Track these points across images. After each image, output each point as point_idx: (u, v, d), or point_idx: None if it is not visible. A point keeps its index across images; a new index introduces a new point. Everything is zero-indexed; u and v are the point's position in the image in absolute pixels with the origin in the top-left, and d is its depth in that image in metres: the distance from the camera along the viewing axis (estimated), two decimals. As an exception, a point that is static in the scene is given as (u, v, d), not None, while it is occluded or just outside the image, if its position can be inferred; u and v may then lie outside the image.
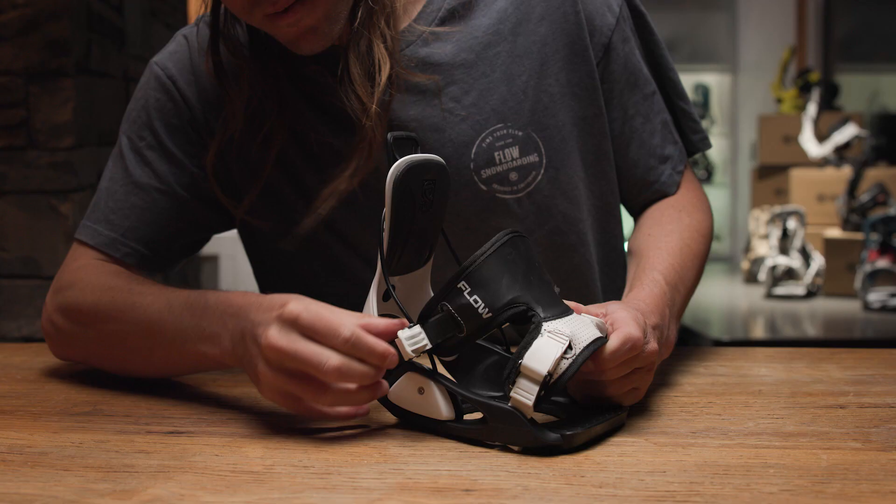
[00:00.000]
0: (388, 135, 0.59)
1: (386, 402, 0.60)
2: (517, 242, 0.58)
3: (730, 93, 4.23)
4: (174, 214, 0.79)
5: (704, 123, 4.23)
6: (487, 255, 0.56)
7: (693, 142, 0.86)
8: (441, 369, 0.63)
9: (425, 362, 0.59)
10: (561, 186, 0.80)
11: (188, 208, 0.80)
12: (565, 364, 0.54)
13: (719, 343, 2.07)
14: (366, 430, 0.60)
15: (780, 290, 2.63)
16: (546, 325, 0.55)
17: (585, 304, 0.85)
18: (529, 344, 0.54)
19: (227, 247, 2.95)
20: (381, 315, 0.63)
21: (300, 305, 0.56)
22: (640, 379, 0.60)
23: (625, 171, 0.84)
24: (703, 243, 0.79)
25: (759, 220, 2.87)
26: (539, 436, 0.54)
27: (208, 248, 3.19)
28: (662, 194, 0.84)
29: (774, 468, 0.52)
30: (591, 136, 0.81)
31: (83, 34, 1.37)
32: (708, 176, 4.19)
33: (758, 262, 2.84)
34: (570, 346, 0.54)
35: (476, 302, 0.55)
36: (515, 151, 0.77)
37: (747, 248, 2.94)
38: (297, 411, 0.58)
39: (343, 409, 0.57)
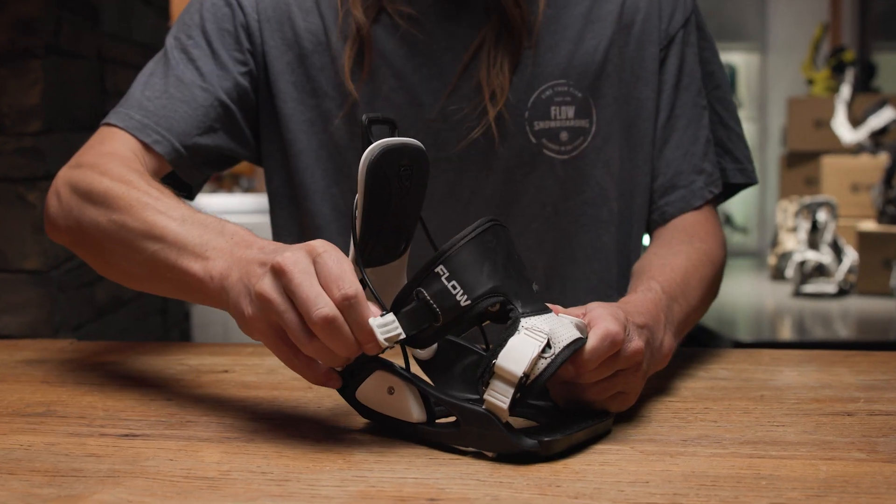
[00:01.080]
0: (363, 116, 0.60)
1: (354, 401, 0.60)
2: (498, 231, 0.58)
3: (758, 73, 4.20)
4: (212, 115, 0.82)
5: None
6: (468, 239, 0.56)
7: (732, 171, 0.90)
8: (416, 369, 0.63)
9: (399, 360, 0.59)
10: (603, 158, 0.85)
11: (228, 112, 0.83)
12: (543, 364, 0.54)
13: (740, 345, 2.06)
14: (332, 433, 0.60)
15: (809, 288, 2.61)
16: (524, 322, 0.55)
17: (601, 292, 0.86)
18: (505, 342, 0.54)
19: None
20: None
21: (328, 245, 0.56)
22: (625, 382, 0.60)
23: (655, 169, 0.87)
24: (711, 269, 0.80)
25: (786, 211, 2.86)
26: (514, 441, 0.54)
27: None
28: (684, 206, 0.86)
29: (767, 480, 0.52)
30: (640, 120, 0.86)
31: (53, 12, 1.37)
32: (735, 164, 4.16)
33: (785, 257, 2.83)
34: (548, 345, 0.54)
35: (454, 288, 0.55)
36: (571, 111, 0.83)
37: (774, 243, 2.93)
38: (278, 350, 0.57)
39: (319, 371, 0.57)
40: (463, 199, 0.84)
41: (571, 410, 0.60)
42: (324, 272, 0.55)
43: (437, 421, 0.59)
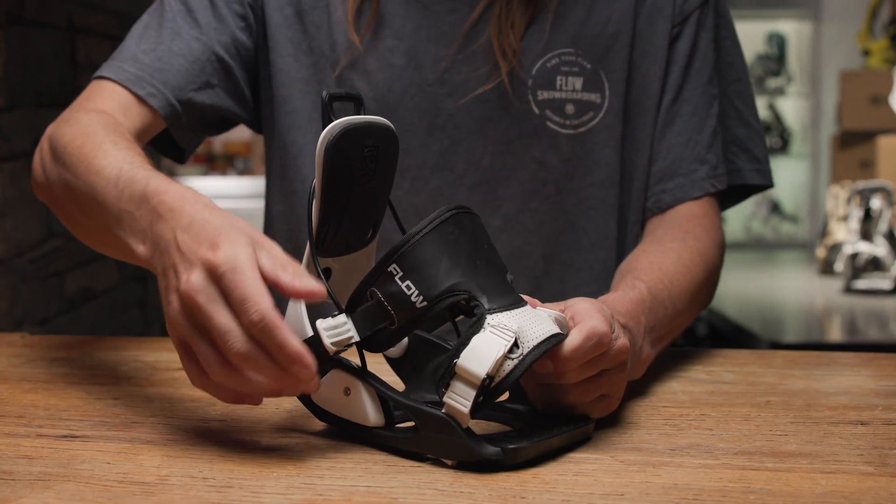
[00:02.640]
0: (324, 93, 0.60)
1: (309, 403, 0.61)
2: (462, 220, 0.58)
3: (810, 43, 4.14)
4: (209, 69, 0.84)
5: (779, 80, 4.15)
6: (424, 233, 0.56)
7: (749, 171, 0.90)
8: (385, 369, 0.63)
9: (355, 358, 0.60)
10: (615, 137, 0.86)
11: (225, 68, 0.85)
12: (510, 365, 0.54)
13: (777, 346, 2.05)
14: (287, 436, 0.60)
15: (861, 284, 2.58)
16: (490, 319, 0.55)
17: (604, 283, 0.86)
18: (468, 340, 0.54)
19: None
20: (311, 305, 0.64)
21: (231, 255, 0.53)
22: (609, 384, 0.60)
23: (654, 154, 0.87)
24: (703, 271, 0.80)
25: (837, 197, 2.82)
26: (475, 449, 0.54)
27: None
28: (681, 196, 0.87)
29: (757, 494, 0.52)
30: (645, 97, 0.86)
31: (16, -24, 1.39)
32: (784, 144, 4.12)
33: (835, 249, 2.80)
34: (516, 344, 0.54)
35: (409, 289, 0.56)
36: (579, 83, 0.84)
37: (823, 233, 2.89)
38: (188, 369, 0.56)
39: (230, 394, 0.56)
40: (457, 171, 0.85)
41: (550, 415, 0.61)
42: (231, 296, 0.53)
43: (399, 426, 0.59)
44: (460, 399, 0.54)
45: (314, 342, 0.58)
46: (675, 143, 0.87)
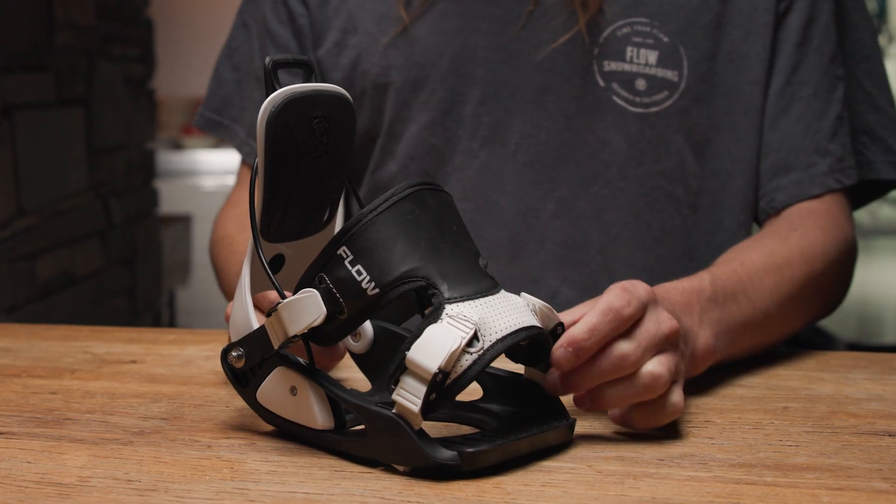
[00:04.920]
0: (267, 59, 0.60)
1: (254, 403, 0.62)
2: (424, 197, 0.59)
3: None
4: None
5: (881, 39, 4.06)
6: (378, 211, 0.57)
7: (883, 164, 0.88)
8: (350, 365, 0.65)
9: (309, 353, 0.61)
10: (687, 124, 0.85)
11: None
12: (468, 360, 0.55)
13: (856, 347, 2.02)
14: (230, 436, 0.62)
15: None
16: (449, 309, 0.56)
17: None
18: (421, 331, 0.55)
19: (204, 206, 3.04)
20: (259, 293, 0.65)
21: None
22: (669, 366, 0.60)
23: (766, 145, 0.86)
24: (805, 271, 0.79)
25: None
26: (428, 452, 0.55)
27: (179, 207, 3.30)
28: (798, 193, 0.85)
29: (745, 510, 0.52)
30: (745, 82, 0.85)
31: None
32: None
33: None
34: (476, 337, 0.55)
35: (359, 274, 0.57)
36: (653, 57, 0.84)
37: (922, 217, 2.84)
38: None
39: None
40: (509, 145, 0.86)
41: (530, 416, 0.61)
42: None
43: (353, 428, 0.60)
44: (410, 396, 0.55)
45: (259, 336, 0.59)
46: (792, 132, 0.85)
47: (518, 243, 0.88)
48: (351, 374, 0.76)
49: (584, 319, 0.59)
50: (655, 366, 0.60)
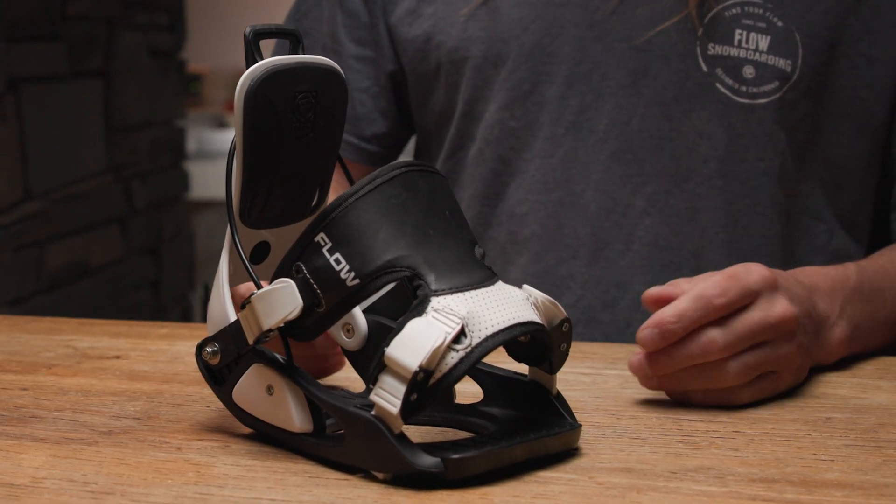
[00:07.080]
0: (247, 28, 0.62)
1: (230, 404, 0.65)
2: (413, 180, 0.60)
3: None
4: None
5: None
6: (360, 195, 0.59)
7: None
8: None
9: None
10: (793, 120, 0.85)
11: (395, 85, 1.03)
12: (454, 358, 0.56)
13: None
14: (203, 438, 0.65)
15: None
16: (434, 301, 0.57)
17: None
18: (402, 326, 0.57)
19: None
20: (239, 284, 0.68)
21: None
22: (774, 358, 0.66)
23: (891, 165, 0.88)
24: None
25: None
26: (408, 458, 0.57)
27: (220, 191, 3.34)
28: None
29: (755, 529, 0.53)
30: (863, 85, 0.86)
31: None
32: None
33: None
34: (463, 332, 0.57)
35: (338, 263, 0.58)
36: (764, 42, 0.83)
37: None
38: None
39: None
40: (597, 132, 0.87)
41: (532, 420, 0.63)
42: None
43: (336, 432, 0.62)
44: (388, 396, 0.56)
45: (234, 330, 0.62)
46: None
47: (602, 242, 0.89)
48: (351, 374, 0.78)
49: (674, 303, 0.64)
50: (739, 366, 0.66)
